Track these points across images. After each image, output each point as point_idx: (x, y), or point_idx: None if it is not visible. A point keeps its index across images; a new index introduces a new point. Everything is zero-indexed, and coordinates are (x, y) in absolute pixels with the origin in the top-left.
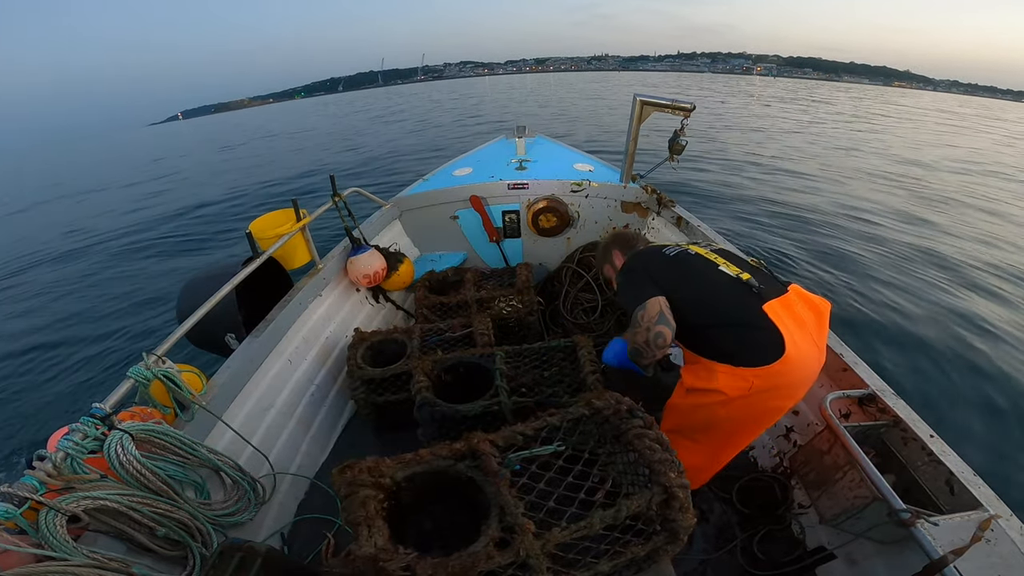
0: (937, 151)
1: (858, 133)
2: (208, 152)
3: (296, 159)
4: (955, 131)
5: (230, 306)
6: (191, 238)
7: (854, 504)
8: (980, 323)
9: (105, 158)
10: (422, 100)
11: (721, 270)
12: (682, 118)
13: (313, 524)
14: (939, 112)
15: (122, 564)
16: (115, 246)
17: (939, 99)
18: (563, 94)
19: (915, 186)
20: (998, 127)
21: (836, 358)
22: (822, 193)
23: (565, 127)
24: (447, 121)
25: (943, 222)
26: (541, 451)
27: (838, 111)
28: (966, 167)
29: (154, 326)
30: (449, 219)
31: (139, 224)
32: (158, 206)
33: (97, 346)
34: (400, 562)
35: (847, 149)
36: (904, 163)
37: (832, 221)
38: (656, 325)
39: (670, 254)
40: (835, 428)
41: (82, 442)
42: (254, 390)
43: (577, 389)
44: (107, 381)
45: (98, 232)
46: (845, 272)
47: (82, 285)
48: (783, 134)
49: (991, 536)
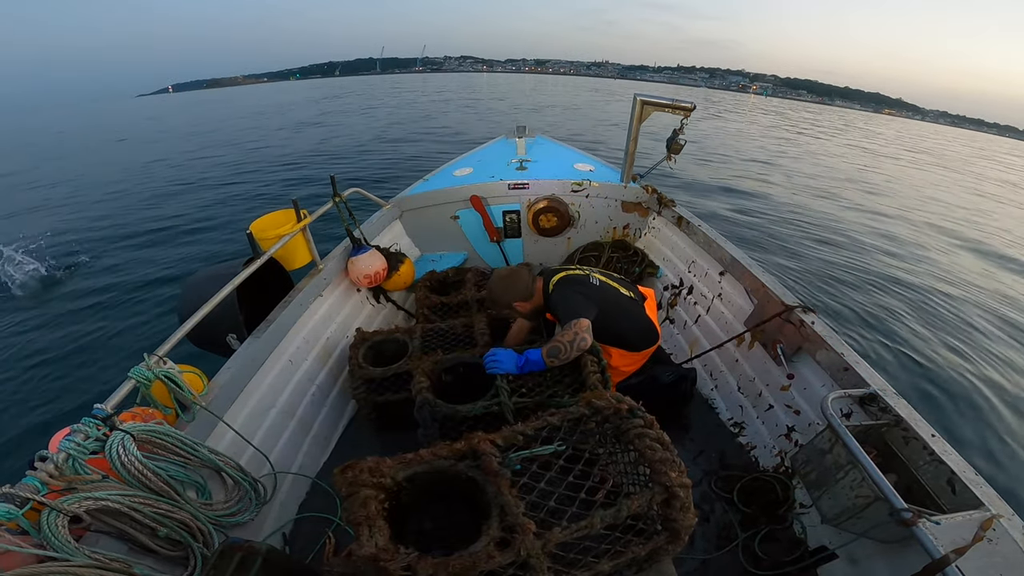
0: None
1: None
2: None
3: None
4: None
5: (231, 306)
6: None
7: (855, 504)
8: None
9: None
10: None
11: (622, 293)
12: (682, 118)
13: (314, 524)
14: (912, 153)
15: (124, 564)
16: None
17: (924, 129)
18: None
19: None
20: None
21: (837, 357)
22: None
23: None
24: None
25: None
26: (542, 451)
27: (814, 134)
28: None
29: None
30: (450, 219)
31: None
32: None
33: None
34: (401, 562)
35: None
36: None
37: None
38: (583, 333)
39: (595, 284)
40: (836, 427)
41: (84, 443)
42: (255, 390)
43: (577, 389)
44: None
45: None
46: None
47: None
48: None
49: (993, 536)
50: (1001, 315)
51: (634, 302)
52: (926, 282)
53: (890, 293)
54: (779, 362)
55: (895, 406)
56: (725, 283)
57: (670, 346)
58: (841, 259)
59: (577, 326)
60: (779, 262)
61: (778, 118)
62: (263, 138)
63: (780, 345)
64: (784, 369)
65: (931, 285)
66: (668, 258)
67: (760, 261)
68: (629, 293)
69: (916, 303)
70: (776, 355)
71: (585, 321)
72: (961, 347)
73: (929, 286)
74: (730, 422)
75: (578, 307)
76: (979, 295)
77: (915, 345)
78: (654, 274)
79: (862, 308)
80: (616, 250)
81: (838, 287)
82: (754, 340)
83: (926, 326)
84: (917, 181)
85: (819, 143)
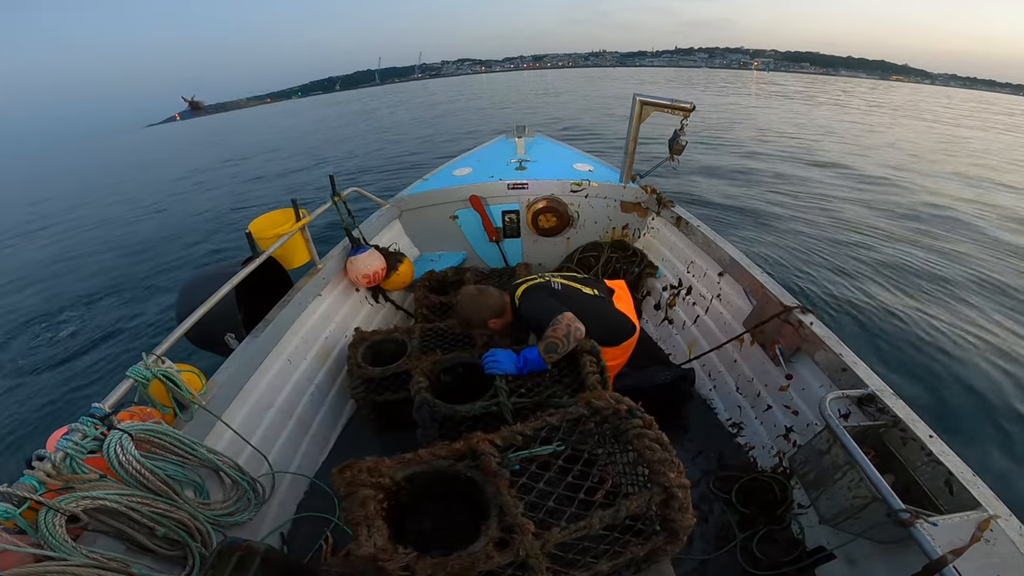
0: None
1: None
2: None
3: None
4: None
5: (230, 306)
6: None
7: (853, 504)
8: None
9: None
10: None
11: (584, 292)
12: (682, 118)
13: (312, 523)
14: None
15: (121, 564)
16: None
17: (934, 92)
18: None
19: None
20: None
21: (836, 358)
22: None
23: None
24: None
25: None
26: (541, 451)
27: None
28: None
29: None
30: (449, 219)
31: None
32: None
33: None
34: (399, 562)
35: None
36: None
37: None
38: (575, 323)
39: (557, 288)
40: (834, 428)
41: (81, 442)
42: (254, 390)
43: (576, 389)
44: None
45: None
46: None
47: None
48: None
49: (990, 536)
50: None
51: (598, 299)
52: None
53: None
54: (777, 363)
55: (893, 407)
56: (724, 283)
57: (669, 346)
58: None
59: (565, 318)
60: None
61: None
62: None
63: (779, 346)
64: (782, 370)
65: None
66: (667, 258)
67: (760, 262)
68: (592, 291)
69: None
70: (775, 356)
71: (570, 313)
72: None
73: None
74: (728, 422)
75: (552, 307)
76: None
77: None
78: (653, 274)
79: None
80: (615, 250)
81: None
82: (753, 341)
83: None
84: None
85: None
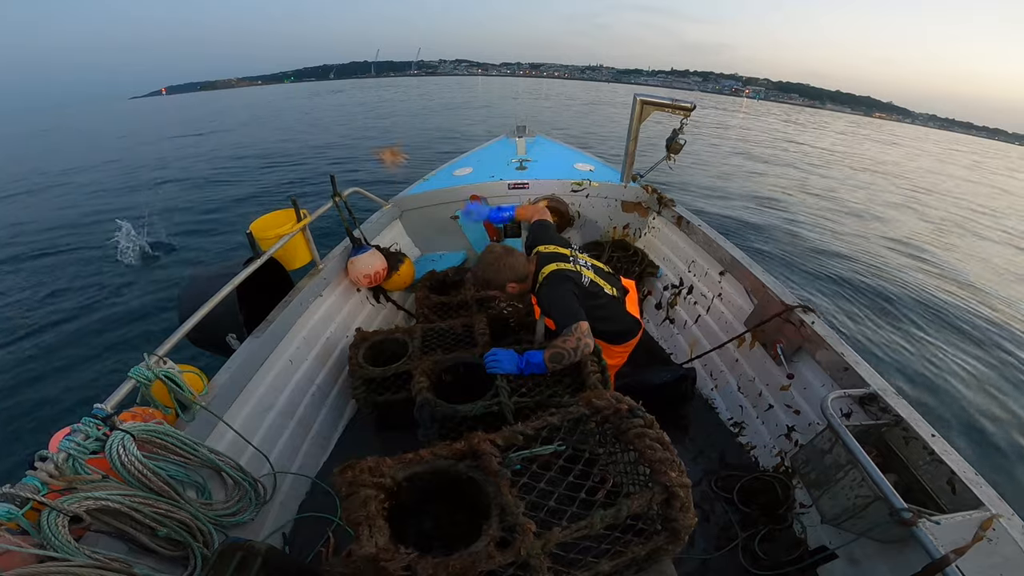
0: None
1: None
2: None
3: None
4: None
5: (231, 306)
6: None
7: (855, 503)
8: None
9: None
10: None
11: (605, 292)
12: (681, 117)
13: (314, 524)
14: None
15: (124, 564)
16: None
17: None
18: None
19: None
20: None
21: (837, 357)
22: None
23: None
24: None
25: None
26: (542, 451)
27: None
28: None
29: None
30: (449, 219)
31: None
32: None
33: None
34: (401, 562)
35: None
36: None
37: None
38: (586, 338)
39: (585, 284)
40: (836, 427)
41: (84, 443)
42: (255, 390)
43: (577, 389)
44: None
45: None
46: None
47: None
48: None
49: (993, 536)
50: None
51: (616, 301)
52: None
53: None
54: (779, 362)
55: (895, 406)
56: (725, 283)
57: (670, 346)
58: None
59: (578, 331)
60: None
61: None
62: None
63: (780, 345)
64: (784, 369)
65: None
66: (668, 258)
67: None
68: (612, 290)
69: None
70: (776, 355)
71: (584, 324)
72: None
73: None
74: (730, 422)
75: (572, 308)
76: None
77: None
78: (654, 274)
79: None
80: (616, 250)
81: None
82: (754, 340)
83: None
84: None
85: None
